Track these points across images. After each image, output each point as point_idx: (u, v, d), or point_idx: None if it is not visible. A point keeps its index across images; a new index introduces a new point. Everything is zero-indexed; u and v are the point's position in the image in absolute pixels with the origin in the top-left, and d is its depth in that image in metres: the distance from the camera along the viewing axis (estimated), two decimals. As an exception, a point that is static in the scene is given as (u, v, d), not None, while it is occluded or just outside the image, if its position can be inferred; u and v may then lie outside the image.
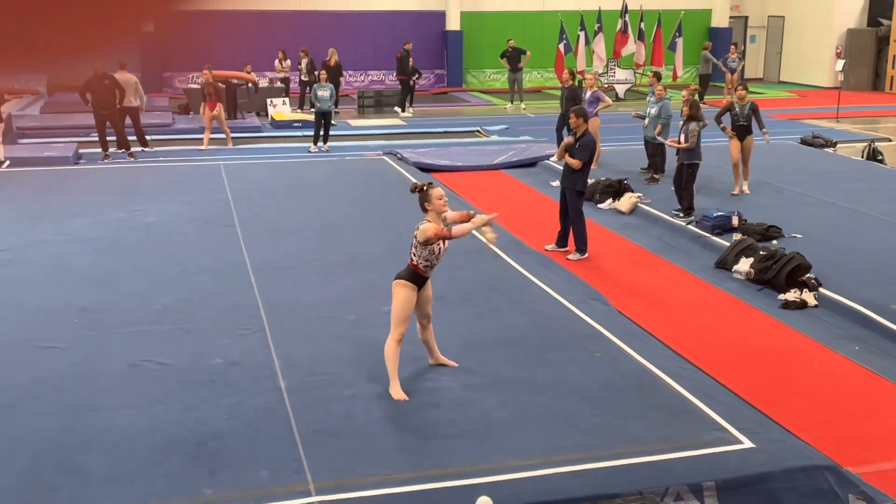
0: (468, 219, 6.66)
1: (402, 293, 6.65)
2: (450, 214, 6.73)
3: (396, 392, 6.56)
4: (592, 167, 14.24)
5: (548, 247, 10.67)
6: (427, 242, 6.51)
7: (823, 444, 6.03)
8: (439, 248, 6.63)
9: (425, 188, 6.61)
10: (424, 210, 6.63)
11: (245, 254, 10.33)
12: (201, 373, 7.04)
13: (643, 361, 7.33)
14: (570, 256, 10.43)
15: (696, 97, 12.56)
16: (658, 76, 15.18)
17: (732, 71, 24.81)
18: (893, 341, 7.86)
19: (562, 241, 10.64)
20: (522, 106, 23.92)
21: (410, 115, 23.10)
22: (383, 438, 6.00)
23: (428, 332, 7.04)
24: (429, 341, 7.11)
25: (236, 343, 7.65)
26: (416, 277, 6.68)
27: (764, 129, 13.27)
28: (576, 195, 10.32)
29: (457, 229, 6.49)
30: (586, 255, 10.45)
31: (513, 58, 23.29)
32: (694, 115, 11.39)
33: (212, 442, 5.94)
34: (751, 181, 13.72)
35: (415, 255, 6.66)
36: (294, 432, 6.06)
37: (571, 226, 10.45)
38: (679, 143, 11.78)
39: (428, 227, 6.50)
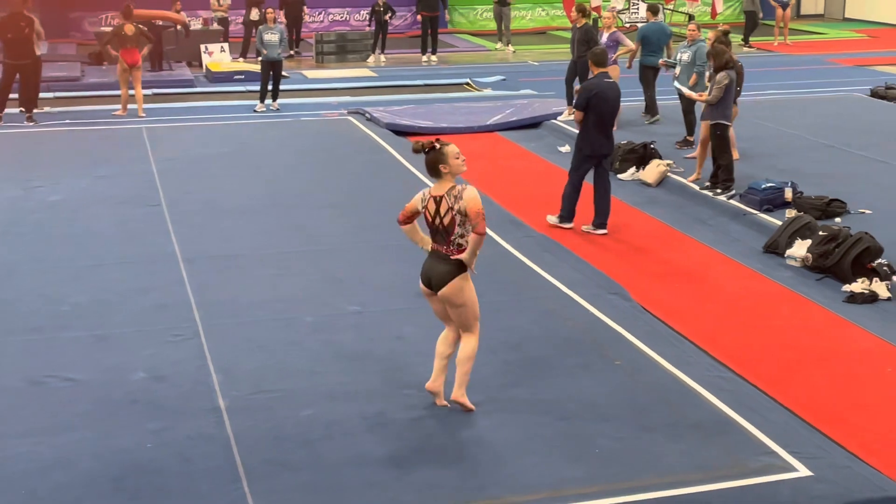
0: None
1: (470, 287, 6.51)
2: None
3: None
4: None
5: (584, 228, 10.91)
6: (481, 216, 6.30)
7: (898, 470, 6.09)
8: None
9: (438, 146, 6.46)
10: (437, 174, 6.48)
11: (174, 241, 10.31)
12: (120, 390, 7.01)
13: (673, 370, 7.36)
14: (549, 217, 10.98)
15: (726, 39, 12.44)
16: (691, 17, 15.23)
17: (784, 6, 24.87)
18: (985, 342, 7.93)
19: (598, 220, 10.89)
20: (511, 49, 23.89)
21: (382, 63, 23.05)
22: (350, 471, 6.00)
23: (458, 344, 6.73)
24: (447, 361, 6.75)
25: (164, 353, 7.63)
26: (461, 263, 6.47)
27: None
28: (575, 149, 10.91)
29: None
30: (570, 225, 10.89)
31: None
32: (721, 65, 11.38)
33: (133, 477, 5.92)
34: (808, 142, 13.77)
35: (461, 236, 6.39)
36: (237, 464, 6.05)
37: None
38: (699, 96, 11.81)
39: (475, 195, 6.36)
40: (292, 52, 23.49)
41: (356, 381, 7.17)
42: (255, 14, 22.73)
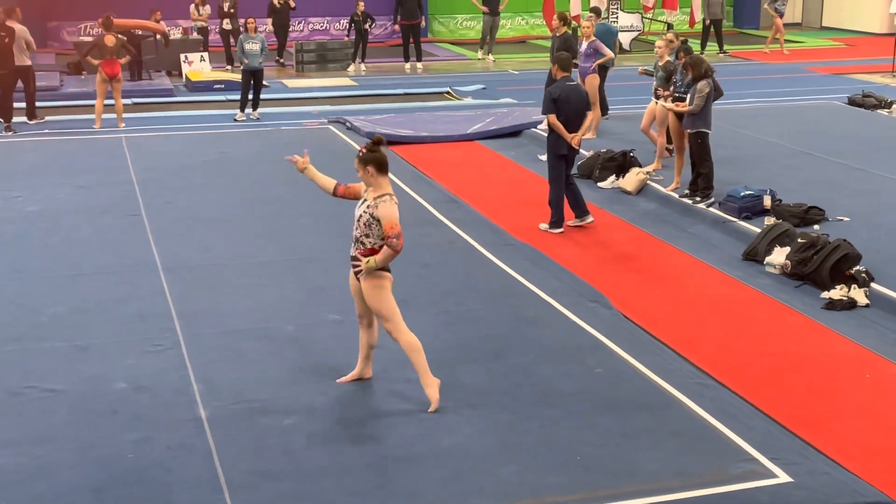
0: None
1: (388, 288, 7.01)
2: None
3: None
4: (589, 136, 14.42)
5: (570, 222, 11.19)
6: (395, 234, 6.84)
7: (878, 476, 6.10)
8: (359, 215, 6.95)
9: (363, 152, 6.88)
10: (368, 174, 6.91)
11: (154, 251, 10.29)
12: (100, 401, 6.99)
13: (654, 378, 7.39)
14: (540, 225, 11.12)
15: (692, 49, 12.53)
16: (670, 26, 15.32)
17: (781, 14, 25.04)
18: (962, 348, 7.99)
19: (580, 211, 11.24)
20: (491, 58, 23.98)
21: (363, 72, 23.07)
22: (332, 480, 6.00)
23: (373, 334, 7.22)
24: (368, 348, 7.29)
25: (144, 363, 7.61)
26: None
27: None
28: (549, 154, 11.05)
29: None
30: (562, 230, 11.06)
31: None
32: (701, 74, 11.44)
33: (114, 488, 5.90)
34: (786, 150, 13.87)
35: (370, 235, 6.96)
36: (218, 474, 6.04)
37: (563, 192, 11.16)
38: (677, 105, 11.86)
39: (392, 211, 6.85)
40: (279, 60, 23.52)
41: (337, 390, 7.16)
42: (226, 24, 22.79)
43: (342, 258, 10.03)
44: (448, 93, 20.41)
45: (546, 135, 11.26)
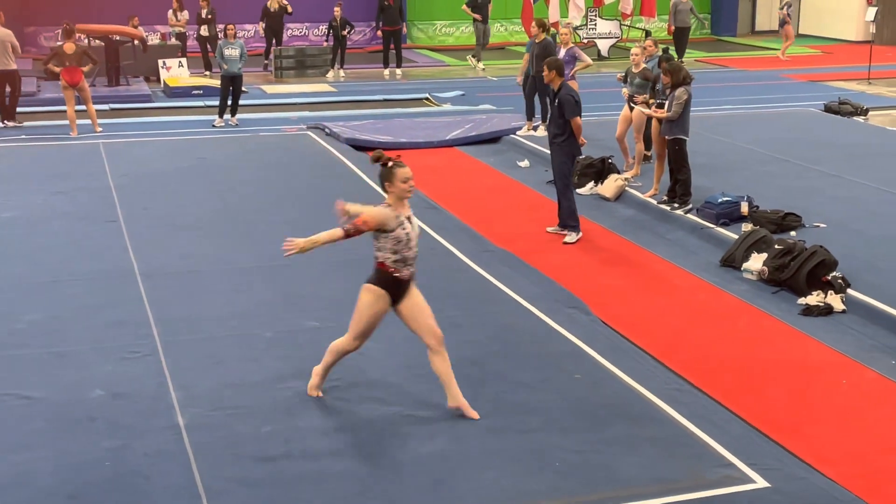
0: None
1: (364, 299, 6.69)
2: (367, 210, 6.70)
3: (311, 387, 7.04)
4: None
5: (549, 229, 11.20)
6: (381, 228, 6.45)
7: (854, 481, 6.15)
8: (407, 234, 6.55)
9: (390, 164, 6.52)
10: (383, 190, 6.59)
11: (132, 257, 10.24)
12: (77, 408, 6.96)
13: (633, 384, 7.41)
14: (566, 240, 11.09)
15: (673, 56, 12.63)
16: (648, 34, 15.40)
17: (783, 23, 25.34)
18: (937, 353, 8.05)
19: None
20: (481, 66, 24.09)
21: (341, 78, 23.06)
22: (310, 487, 5.99)
23: (440, 360, 6.73)
24: (443, 374, 6.78)
25: (122, 370, 7.58)
26: (387, 280, 6.63)
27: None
28: (565, 160, 11.03)
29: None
30: (580, 234, 11.16)
31: (483, 5, 23.64)
32: (679, 81, 11.50)
33: (91, 495, 5.88)
34: (763, 156, 13.96)
35: (377, 248, 6.63)
36: (196, 482, 6.02)
37: (559, 197, 11.19)
38: (655, 111, 11.93)
39: (376, 212, 6.47)
40: (267, 63, 23.48)
41: (315, 397, 7.14)
42: (204, 30, 22.75)
43: (320, 264, 10.07)
44: (427, 99, 20.43)
45: (562, 140, 11.02)
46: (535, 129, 15.98)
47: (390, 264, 6.59)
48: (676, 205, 11.73)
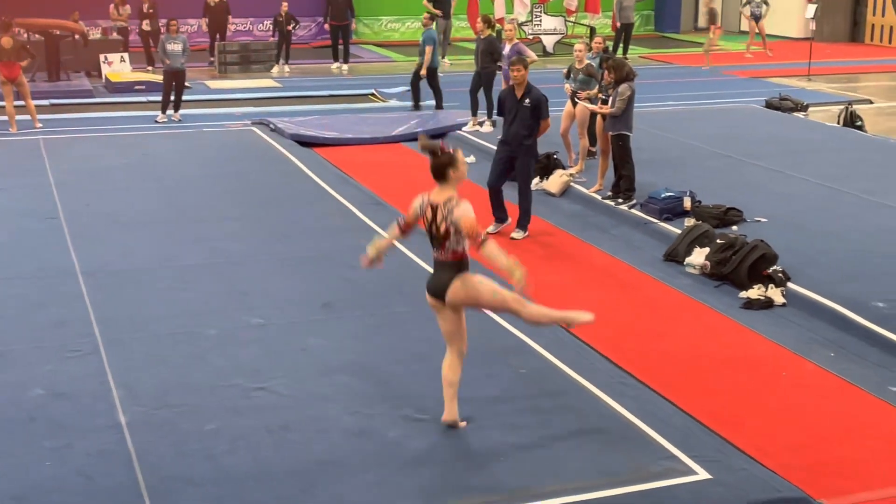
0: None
1: (478, 279, 6.52)
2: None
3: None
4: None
5: (489, 229, 11.01)
6: (474, 236, 6.26)
7: (793, 472, 6.24)
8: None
9: (452, 150, 6.37)
10: (444, 179, 6.36)
11: (73, 255, 10.13)
12: (16, 408, 6.87)
13: (577, 378, 7.46)
14: (514, 235, 11.05)
15: (615, 52, 12.76)
16: (593, 31, 15.50)
17: (757, 19, 25.49)
18: (874, 345, 8.19)
19: (500, 217, 11.24)
20: (447, 62, 24.09)
21: (286, 73, 22.95)
22: (255, 485, 5.97)
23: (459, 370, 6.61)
24: (455, 386, 6.61)
25: (62, 369, 7.49)
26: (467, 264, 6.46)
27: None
28: (531, 161, 11.12)
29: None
30: (528, 234, 11.15)
31: (444, 0, 23.66)
32: (622, 77, 11.59)
33: (32, 496, 5.81)
34: (706, 152, 14.12)
35: (456, 242, 6.37)
36: (139, 480, 5.97)
37: (521, 198, 11.11)
38: (599, 107, 12.02)
39: (470, 210, 6.28)
40: (212, 60, 23.30)
41: (260, 394, 7.12)
42: (146, 25, 22.52)
43: (265, 261, 10.03)
44: (373, 95, 20.39)
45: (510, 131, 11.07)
46: (480, 124, 16.03)
47: (463, 249, 6.45)
48: (621, 200, 11.82)
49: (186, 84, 17.73)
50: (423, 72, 17.13)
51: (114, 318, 8.47)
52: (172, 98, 16.97)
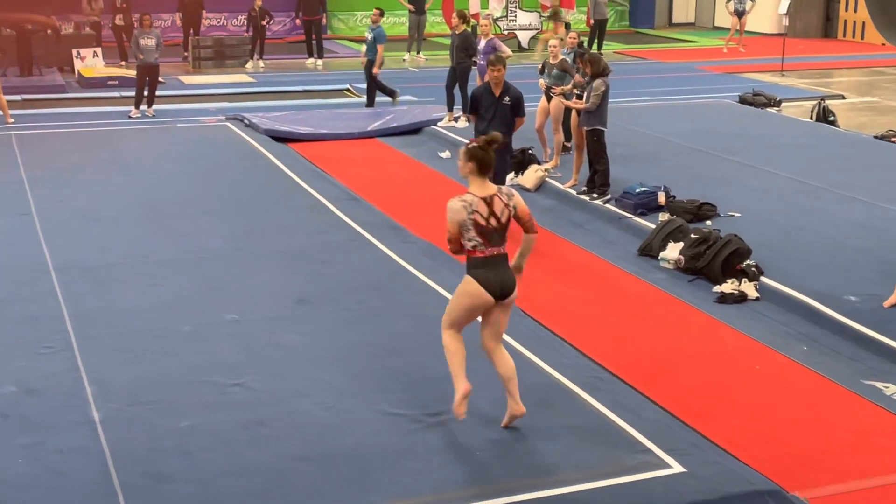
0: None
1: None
2: None
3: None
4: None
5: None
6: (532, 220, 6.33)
7: (766, 464, 6.28)
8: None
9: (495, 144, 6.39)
10: (489, 171, 6.37)
11: (45, 250, 10.05)
12: (-11, 406, 6.81)
13: (551, 372, 7.48)
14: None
15: (590, 48, 12.82)
16: (568, 26, 15.55)
17: (741, 14, 25.57)
18: (847, 338, 8.26)
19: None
20: (422, 57, 24.04)
21: (261, 69, 22.87)
22: (228, 481, 5.95)
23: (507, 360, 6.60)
24: (513, 379, 6.55)
25: (34, 365, 7.44)
26: None
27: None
28: (506, 156, 11.04)
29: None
30: None
31: None
32: (598, 72, 11.62)
33: (4, 494, 5.77)
34: (680, 147, 14.18)
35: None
36: (112, 477, 5.94)
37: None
38: (574, 102, 12.06)
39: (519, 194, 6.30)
40: (186, 55, 23.19)
41: (235, 390, 7.10)
42: (119, 19, 22.40)
43: (240, 257, 9.99)
44: (348, 90, 20.35)
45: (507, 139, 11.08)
46: (455, 120, 16.03)
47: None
48: (595, 195, 11.85)
49: (160, 79, 17.64)
50: (377, 70, 17.13)
51: (87, 315, 8.41)
52: (146, 93, 16.89)
